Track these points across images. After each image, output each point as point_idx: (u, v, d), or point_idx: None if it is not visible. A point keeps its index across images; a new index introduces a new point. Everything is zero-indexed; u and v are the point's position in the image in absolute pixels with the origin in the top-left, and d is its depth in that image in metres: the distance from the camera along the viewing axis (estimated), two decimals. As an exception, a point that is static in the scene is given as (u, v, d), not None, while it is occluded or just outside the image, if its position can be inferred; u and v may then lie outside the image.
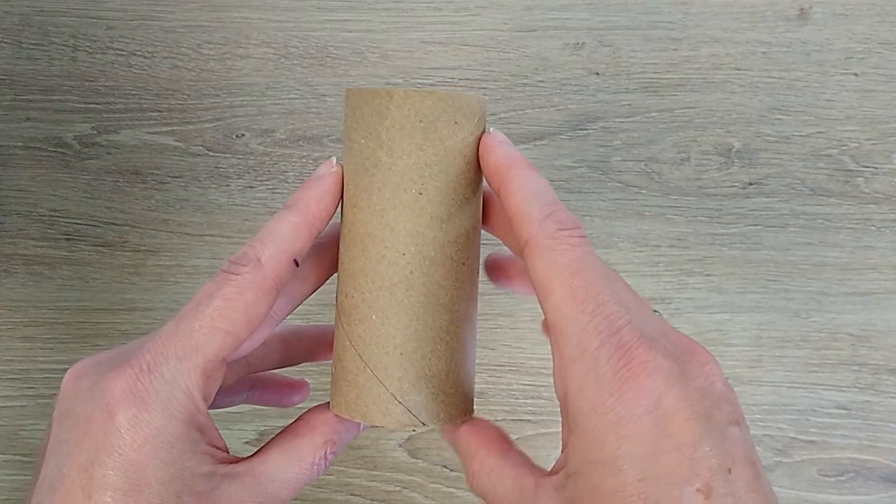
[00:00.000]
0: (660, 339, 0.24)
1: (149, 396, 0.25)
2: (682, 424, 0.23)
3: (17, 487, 0.49)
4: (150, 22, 0.53)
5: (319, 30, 0.53)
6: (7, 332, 0.50)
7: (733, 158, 0.52)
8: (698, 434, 0.22)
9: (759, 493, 0.23)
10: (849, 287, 0.51)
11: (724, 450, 0.23)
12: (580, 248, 0.25)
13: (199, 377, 0.26)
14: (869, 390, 0.50)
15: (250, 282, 0.27)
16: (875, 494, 0.49)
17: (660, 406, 0.23)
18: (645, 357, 0.23)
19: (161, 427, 0.25)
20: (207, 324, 0.26)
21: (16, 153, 0.52)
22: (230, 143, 0.52)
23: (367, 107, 0.28)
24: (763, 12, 0.53)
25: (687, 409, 0.23)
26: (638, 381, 0.23)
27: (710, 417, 0.23)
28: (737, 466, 0.23)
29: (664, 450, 0.22)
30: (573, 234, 0.25)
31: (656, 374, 0.23)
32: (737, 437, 0.23)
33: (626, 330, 0.24)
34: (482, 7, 0.53)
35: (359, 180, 0.28)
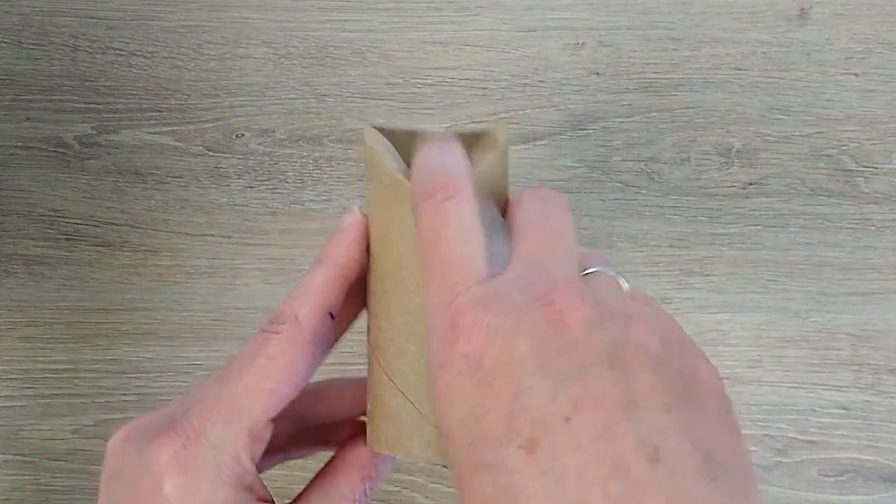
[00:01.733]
0: (508, 293, 0.22)
1: (196, 464, 0.25)
2: (503, 379, 0.21)
3: (17, 487, 0.49)
4: (150, 22, 0.53)
5: (319, 30, 0.53)
6: (7, 332, 0.50)
7: (733, 158, 0.52)
8: (520, 385, 0.21)
9: (602, 440, 0.20)
10: (849, 287, 0.51)
11: (561, 397, 0.20)
12: (441, 212, 0.24)
13: (247, 440, 0.26)
14: (869, 390, 0.50)
15: (290, 339, 0.27)
16: (875, 494, 0.49)
17: (481, 366, 0.21)
18: (469, 320, 0.22)
19: (211, 495, 0.25)
20: (252, 385, 0.26)
21: (16, 153, 0.52)
22: (230, 143, 0.52)
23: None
24: (763, 12, 0.53)
25: (510, 362, 0.21)
26: (458, 345, 0.22)
27: (543, 364, 0.21)
28: (581, 413, 0.20)
29: (486, 409, 0.21)
30: (438, 197, 0.24)
31: (478, 335, 0.22)
32: (592, 379, 0.20)
33: (462, 297, 0.23)
34: (482, 7, 0.53)
35: (388, 213, 0.27)
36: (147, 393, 0.50)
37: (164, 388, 0.50)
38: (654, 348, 0.21)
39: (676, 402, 0.20)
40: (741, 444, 0.21)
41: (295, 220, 0.51)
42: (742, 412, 0.50)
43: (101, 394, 0.50)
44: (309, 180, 0.52)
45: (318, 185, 0.52)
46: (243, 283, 0.51)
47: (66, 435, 0.50)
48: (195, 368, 0.50)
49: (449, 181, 0.25)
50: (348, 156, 0.52)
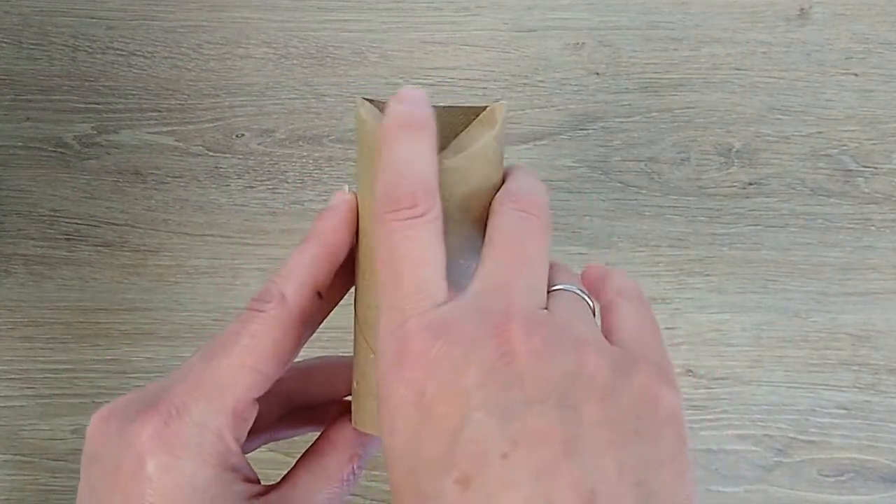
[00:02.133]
0: (462, 320, 0.22)
1: (178, 442, 0.25)
2: (446, 410, 0.20)
3: (16, 487, 0.49)
4: (150, 22, 0.53)
5: (319, 30, 0.53)
6: (7, 332, 0.50)
7: (733, 158, 0.52)
8: (463, 418, 0.20)
9: (538, 480, 0.19)
10: (849, 287, 0.51)
11: (501, 433, 0.20)
12: (403, 229, 0.23)
13: (230, 418, 0.25)
14: (869, 390, 0.50)
15: (276, 318, 0.26)
16: (875, 494, 0.49)
17: (424, 395, 0.21)
18: (417, 346, 0.22)
19: (193, 473, 0.24)
20: (236, 362, 0.26)
21: (16, 153, 0.52)
22: (230, 143, 0.52)
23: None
24: (763, 12, 0.53)
25: (454, 394, 0.21)
26: (403, 371, 0.22)
27: (488, 398, 0.20)
28: (520, 450, 0.19)
29: (426, 438, 0.21)
30: (400, 215, 0.24)
31: (423, 363, 0.21)
32: (535, 416, 0.20)
33: (413, 321, 0.22)
34: (482, 7, 0.53)
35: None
36: (147, 393, 0.50)
37: (164, 388, 0.50)
38: (605, 378, 0.21)
39: (622, 439, 0.20)
40: (689, 482, 0.21)
41: (295, 220, 0.51)
42: (742, 412, 0.50)
43: (101, 394, 0.50)
44: (309, 180, 0.52)
45: (318, 185, 0.52)
46: (243, 283, 0.51)
47: (66, 435, 0.50)
48: (195, 368, 0.50)
49: (417, 199, 0.23)
50: (348, 156, 0.52)
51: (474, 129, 0.28)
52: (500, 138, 0.28)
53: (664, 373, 0.22)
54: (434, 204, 0.24)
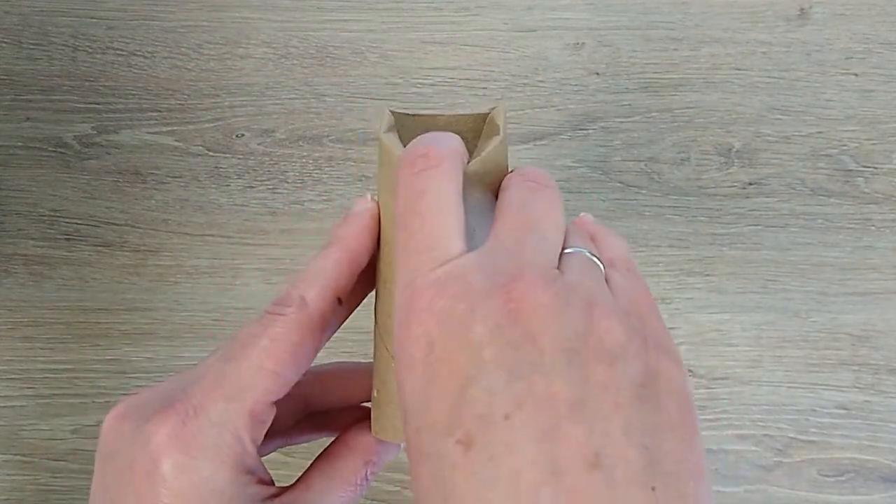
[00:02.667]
0: (471, 275, 0.21)
1: (196, 442, 0.24)
2: (452, 367, 0.20)
3: (16, 487, 0.49)
4: (150, 22, 0.53)
5: (319, 30, 0.53)
6: (7, 332, 0.50)
7: (733, 158, 0.52)
8: (467, 377, 0.20)
9: (542, 442, 0.18)
10: (849, 287, 0.51)
11: (506, 393, 0.19)
12: (418, 182, 0.23)
13: (248, 420, 0.25)
14: (869, 390, 0.50)
15: (296, 321, 0.26)
16: (875, 494, 0.49)
17: (432, 351, 0.20)
18: (424, 302, 0.21)
19: (210, 474, 0.24)
20: (255, 364, 0.25)
21: (16, 153, 0.52)
22: (230, 143, 0.52)
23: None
24: (763, 12, 0.53)
25: (460, 350, 0.20)
26: (412, 328, 0.21)
27: (494, 356, 0.20)
28: (524, 412, 0.19)
29: (432, 397, 0.20)
30: (417, 167, 0.23)
31: (429, 318, 0.21)
32: (541, 377, 0.19)
33: (421, 279, 0.22)
34: (482, 7, 0.53)
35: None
36: (147, 393, 0.50)
37: (164, 388, 0.50)
38: (616, 341, 0.20)
39: (630, 402, 0.19)
40: (696, 449, 0.20)
41: (295, 220, 0.51)
42: (742, 412, 0.50)
43: (101, 394, 0.50)
44: (309, 180, 0.52)
45: (318, 185, 0.52)
46: (243, 283, 0.51)
47: (66, 435, 0.50)
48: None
49: (430, 149, 0.23)
50: (348, 156, 0.52)
51: (482, 144, 0.28)
52: (505, 141, 0.28)
53: (671, 351, 0.22)
54: (451, 156, 0.23)
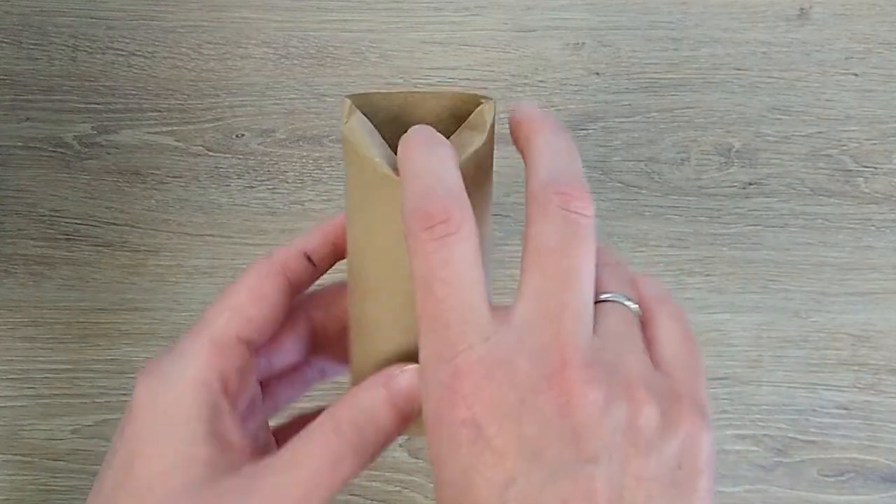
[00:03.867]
0: (515, 359, 0.22)
1: (162, 370, 0.26)
2: (498, 458, 0.21)
3: (17, 487, 0.49)
4: (150, 22, 0.53)
5: (319, 30, 0.53)
6: (7, 332, 0.50)
7: (733, 158, 0.52)
8: (514, 470, 0.21)
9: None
10: (849, 287, 0.51)
11: (551, 490, 0.20)
12: (440, 250, 0.23)
13: (209, 347, 0.26)
14: (869, 390, 0.50)
15: (257, 267, 0.28)
16: (875, 494, 0.49)
17: (479, 437, 0.21)
18: (470, 386, 0.22)
19: (175, 398, 0.25)
20: (217, 304, 0.28)
21: (16, 153, 0.52)
22: (230, 143, 0.52)
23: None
24: (763, 12, 0.53)
25: (509, 441, 0.21)
26: (457, 411, 0.22)
27: (542, 451, 0.21)
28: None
29: (477, 483, 0.21)
30: (437, 233, 0.23)
31: (478, 405, 0.21)
32: (585, 475, 0.20)
33: (463, 357, 0.22)
34: (482, 7, 0.53)
35: (368, 201, 0.27)
36: (147, 393, 0.50)
37: (164, 388, 0.50)
38: (652, 427, 0.21)
39: (663, 491, 0.21)
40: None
41: (295, 220, 0.51)
42: (742, 412, 0.50)
43: (101, 394, 0.50)
44: (309, 180, 0.52)
45: (318, 185, 0.52)
46: (243, 283, 0.51)
47: (66, 435, 0.50)
48: (195, 368, 0.50)
49: (450, 213, 0.22)
50: (348, 156, 0.52)
51: (464, 134, 0.27)
52: (490, 143, 0.26)
53: (704, 413, 0.23)
54: (468, 217, 0.23)
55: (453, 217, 0.22)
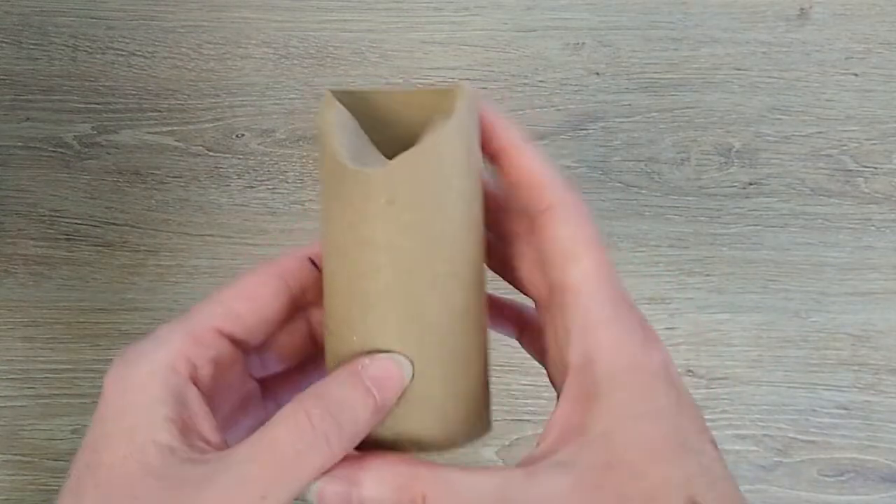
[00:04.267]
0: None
1: (134, 356, 0.26)
2: (685, 389, 0.24)
3: (17, 487, 0.49)
4: (150, 22, 0.53)
5: (319, 30, 0.53)
6: (7, 332, 0.50)
7: (733, 158, 0.52)
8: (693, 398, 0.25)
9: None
10: (849, 287, 0.51)
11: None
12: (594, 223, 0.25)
13: (182, 336, 0.26)
14: (869, 390, 0.50)
15: (254, 269, 0.28)
16: (875, 494, 0.49)
17: (668, 372, 0.24)
18: (653, 332, 0.25)
19: (142, 382, 0.25)
20: (207, 300, 0.27)
21: (16, 153, 0.52)
22: (230, 143, 0.52)
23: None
24: (763, 12, 0.53)
25: (681, 379, 0.25)
26: (657, 346, 0.24)
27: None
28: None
29: (685, 405, 0.24)
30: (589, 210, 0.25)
31: (662, 347, 0.24)
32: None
33: (637, 308, 0.25)
34: (482, 7, 0.53)
35: (333, 198, 0.27)
36: (147, 393, 0.50)
37: (164, 388, 0.50)
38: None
39: None
40: None
41: (295, 220, 0.51)
42: (742, 412, 0.50)
43: (101, 394, 0.50)
44: (309, 180, 0.52)
45: (318, 185, 0.51)
46: (243, 283, 0.51)
47: (66, 435, 0.50)
48: (195, 368, 0.50)
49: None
50: (348, 156, 0.52)
51: (433, 120, 0.25)
52: (462, 129, 0.25)
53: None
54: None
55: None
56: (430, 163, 0.24)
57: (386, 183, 0.24)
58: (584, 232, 0.25)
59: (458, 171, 0.25)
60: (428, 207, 0.25)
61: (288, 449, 0.23)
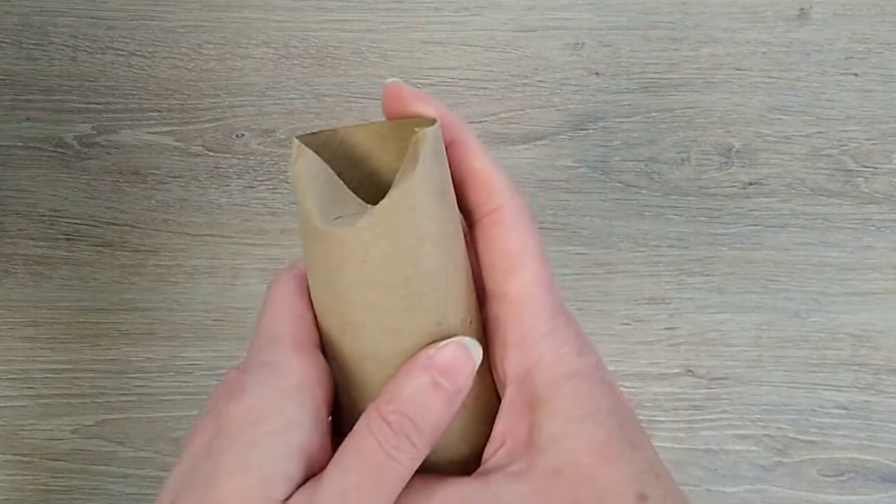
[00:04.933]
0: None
1: (252, 381, 0.24)
2: (618, 388, 0.25)
3: (17, 487, 0.49)
4: (150, 22, 0.53)
5: (319, 30, 0.53)
6: (7, 332, 0.50)
7: (733, 158, 0.52)
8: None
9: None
10: (849, 287, 0.51)
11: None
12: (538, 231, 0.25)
13: (296, 354, 0.25)
14: (869, 390, 0.50)
15: (284, 284, 0.28)
16: (875, 494, 0.49)
17: (602, 374, 0.24)
18: (583, 335, 0.25)
19: (273, 407, 0.24)
20: (271, 321, 0.27)
21: (16, 153, 0.52)
22: (230, 143, 0.52)
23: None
24: (763, 12, 0.53)
25: (614, 378, 0.26)
26: (590, 350, 0.24)
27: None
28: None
29: (622, 403, 0.24)
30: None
31: (594, 350, 0.25)
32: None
33: (570, 312, 0.25)
34: (482, 7, 0.53)
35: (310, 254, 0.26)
36: (147, 393, 0.50)
37: (164, 388, 0.50)
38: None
39: None
40: None
41: (295, 220, 0.51)
42: (742, 412, 0.50)
43: (101, 394, 0.50)
44: (309, 180, 0.52)
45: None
46: (243, 283, 0.51)
47: (66, 435, 0.50)
48: (195, 368, 0.50)
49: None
50: (348, 156, 0.52)
51: (404, 167, 0.24)
52: (429, 175, 0.24)
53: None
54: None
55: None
56: (401, 216, 0.23)
57: (358, 242, 0.23)
58: (529, 239, 0.25)
59: (431, 216, 0.24)
60: (403, 262, 0.24)
61: (378, 455, 0.23)
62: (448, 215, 0.24)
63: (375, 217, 0.23)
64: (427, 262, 0.24)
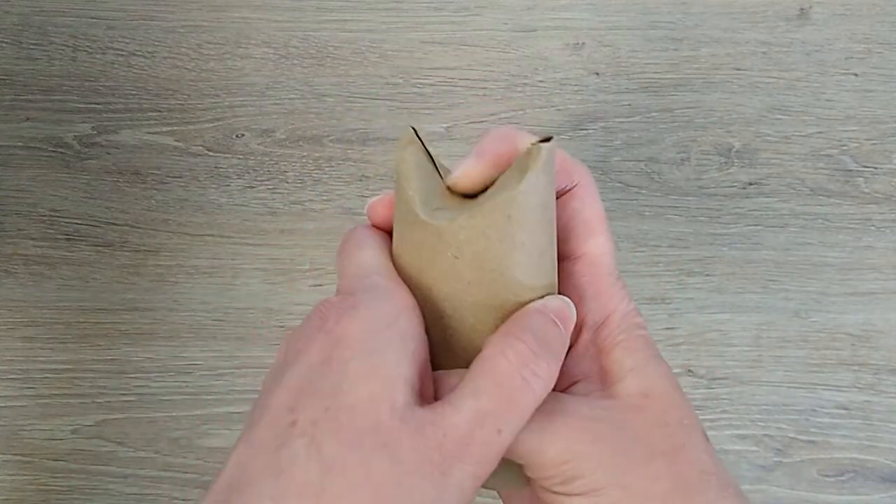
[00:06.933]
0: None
1: (365, 301, 0.25)
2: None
3: (17, 487, 0.49)
4: (150, 22, 0.53)
5: (319, 30, 0.53)
6: (7, 332, 0.50)
7: (733, 158, 0.52)
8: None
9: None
10: (849, 287, 0.51)
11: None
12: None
13: (398, 288, 0.26)
14: (869, 390, 0.50)
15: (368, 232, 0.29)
16: (875, 494, 0.49)
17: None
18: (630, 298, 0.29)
19: (389, 321, 0.25)
20: (361, 248, 0.28)
21: (16, 153, 0.52)
22: (230, 143, 0.52)
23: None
24: (763, 12, 0.53)
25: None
26: (637, 310, 0.28)
27: None
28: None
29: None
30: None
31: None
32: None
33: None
34: (482, 7, 0.53)
35: (408, 244, 0.27)
36: (147, 393, 0.50)
37: (164, 388, 0.50)
38: None
39: None
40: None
41: (295, 220, 0.51)
42: (742, 412, 0.50)
43: (101, 394, 0.50)
44: (309, 180, 0.52)
45: (318, 185, 0.52)
46: (243, 283, 0.51)
47: (66, 435, 0.50)
48: (195, 368, 0.50)
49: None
50: (348, 156, 0.52)
51: (510, 174, 0.25)
52: (535, 188, 0.24)
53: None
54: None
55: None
56: (499, 222, 0.24)
57: (453, 238, 0.25)
58: (601, 211, 0.29)
59: (528, 228, 0.25)
60: (492, 266, 0.25)
61: (515, 378, 0.23)
62: (545, 229, 0.26)
63: (475, 218, 0.24)
64: (515, 270, 0.25)
